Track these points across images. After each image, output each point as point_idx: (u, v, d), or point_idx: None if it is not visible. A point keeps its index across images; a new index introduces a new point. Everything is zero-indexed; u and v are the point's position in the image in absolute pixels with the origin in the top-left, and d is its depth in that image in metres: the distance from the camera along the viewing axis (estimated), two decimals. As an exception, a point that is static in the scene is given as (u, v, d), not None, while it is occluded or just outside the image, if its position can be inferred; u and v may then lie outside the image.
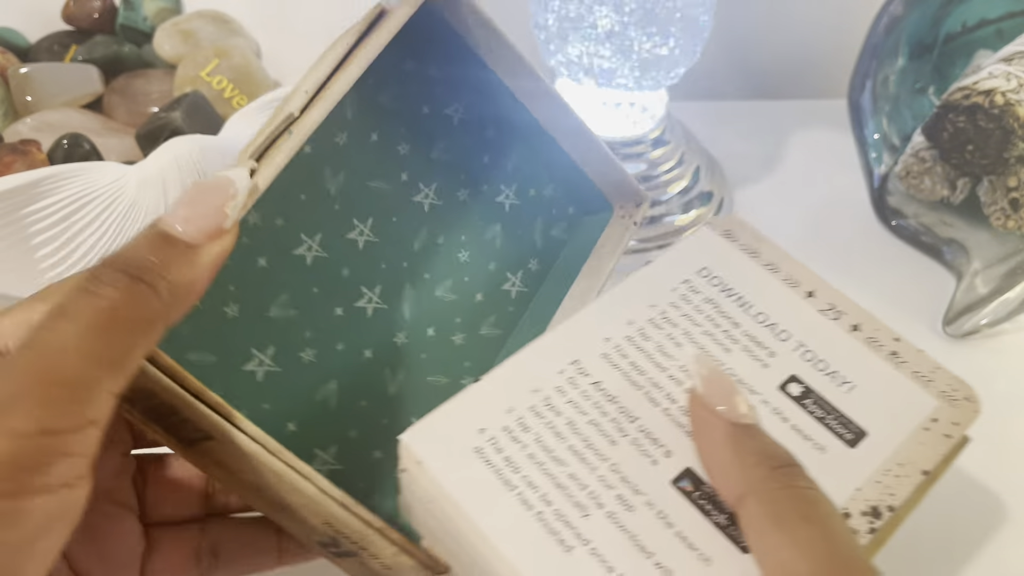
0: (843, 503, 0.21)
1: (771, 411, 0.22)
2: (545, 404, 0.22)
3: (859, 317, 0.24)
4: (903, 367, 0.24)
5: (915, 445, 0.22)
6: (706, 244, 0.26)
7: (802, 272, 0.26)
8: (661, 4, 0.34)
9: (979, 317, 0.36)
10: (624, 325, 0.24)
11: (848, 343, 0.24)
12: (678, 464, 0.21)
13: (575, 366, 0.23)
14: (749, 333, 0.24)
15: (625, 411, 0.22)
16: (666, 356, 0.23)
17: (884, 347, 0.24)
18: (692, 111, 0.49)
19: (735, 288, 0.25)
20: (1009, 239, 0.38)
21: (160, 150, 0.30)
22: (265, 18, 0.43)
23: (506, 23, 0.51)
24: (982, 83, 0.36)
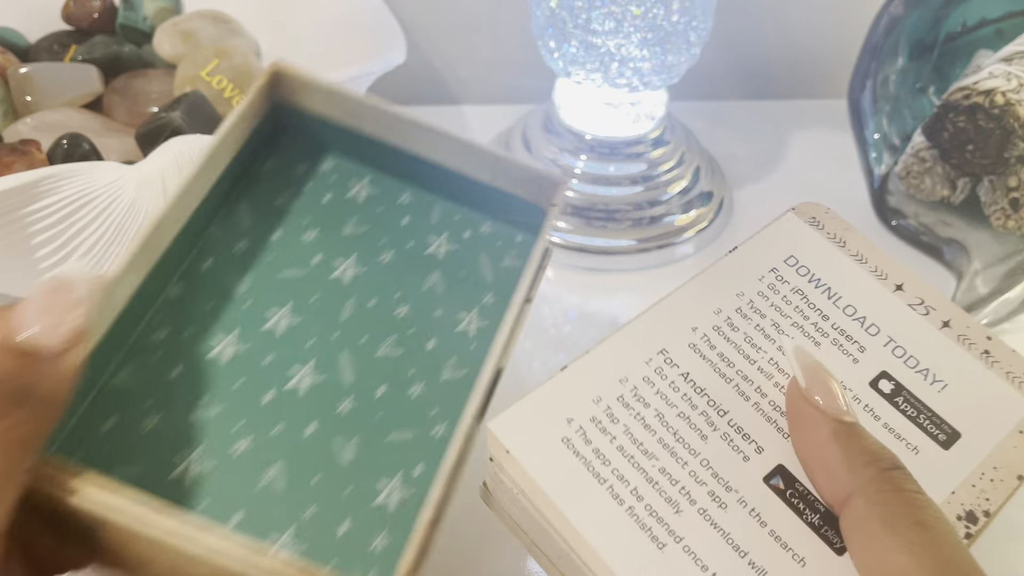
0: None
1: (863, 408, 0.22)
2: (633, 394, 0.21)
3: (950, 313, 0.24)
4: (996, 367, 0.23)
5: (1009, 449, 0.21)
6: (793, 231, 0.26)
7: (891, 264, 0.25)
8: (661, 5, 0.34)
9: (979, 317, 0.36)
10: (711, 314, 0.23)
11: (939, 340, 0.23)
12: (770, 461, 0.21)
13: (663, 355, 0.22)
14: (838, 326, 0.23)
15: (715, 404, 0.22)
16: (755, 348, 0.23)
17: (976, 345, 0.23)
18: (692, 111, 0.49)
19: (823, 278, 0.24)
20: (1009, 239, 0.38)
21: (160, 150, 0.30)
22: (265, 18, 0.43)
23: (506, 23, 0.51)
24: (982, 83, 0.36)
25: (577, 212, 0.40)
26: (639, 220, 0.40)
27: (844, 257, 0.25)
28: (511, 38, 0.49)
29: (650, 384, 0.22)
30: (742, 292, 0.24)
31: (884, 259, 0.25)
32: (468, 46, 0.50)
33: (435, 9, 0.48)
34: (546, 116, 0.42)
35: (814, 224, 0.26)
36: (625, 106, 0.39)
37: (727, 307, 0.24)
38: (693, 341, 0.23)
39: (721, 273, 0.24)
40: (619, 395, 0.21)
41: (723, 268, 0.25)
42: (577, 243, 0.39)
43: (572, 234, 0.39)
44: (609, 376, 0.22)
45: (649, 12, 0.34)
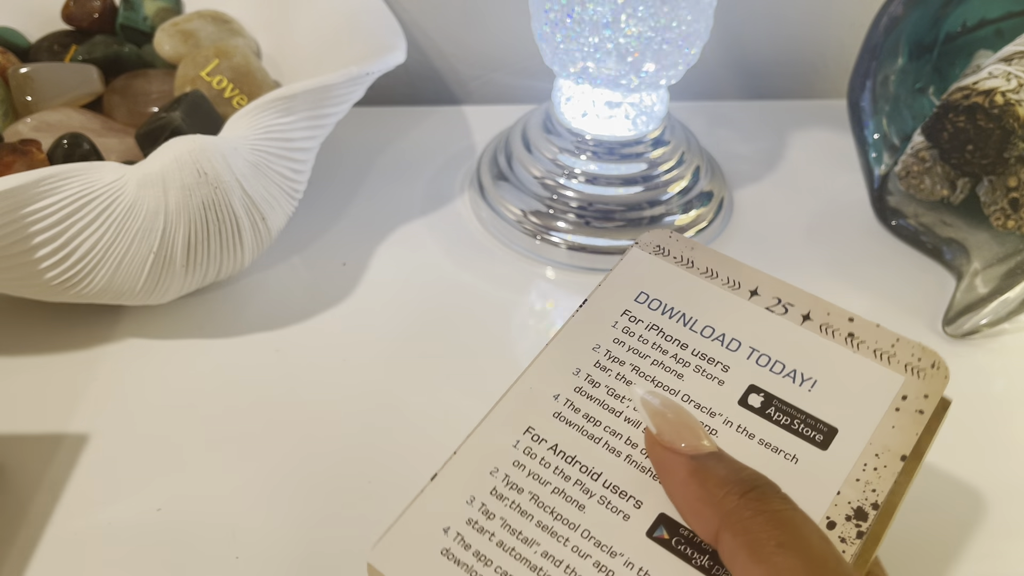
0: (825, 511, 0.20)
1: (736, 430, 0.22)
2: (505, 484, 0.21)
3: (808, 305, 0.24)
4: (863, 347, 0.23)
5: (888, 430, 0.21)
6: (638, 266, 0.25)
7: (742, 271, 0.25)
8: (661, 6, 0.34)
9: (979, 317, 0.36)
10: (571, 376, 0.23)
11: (802, 336, 0.23)
12: (651, 513, 0.20)
13: (529, 434, 0.22)
14: (699, 351, 0.23)
15: (588, 469, 0.21)
16: (618, 399, 0.22)
17: (840, 331, 0.23)
18: (692, 111, 0.49)
19: (676, 306, 0.24)
20: (1009, 239, 0.38)
21: (160, 150, 0.30)
22: (265, 18, 0.43)
23: (506, 23, 0.51)
24: (982, 83, 0.36)
25: (577, 212, 0.40)
26: (639, 220, 0.40)
27: (694, 278, 0.25)
28: (511, 38, 0.49)
29: (521, 468, 0.21)
30: (598, 345, 0.23)
31: (735, 267, 0.25)
32: (468, 46, 0.50)
33: (435, 9, 0.48)
34: (546, 116, 0.42)
35: (659, 252, 0.25)
36: (625, 106, 0.39)
37: (585, 365, 0.23)
38: (557, 410, 0.22)
39: (575, 330, 0.24)
40: (492, 488, 0.21)
41: (576, 325, 0.24)
42: (577, 243, 0.39)
43: (572, 234, 0.39)
44: (479, 472, 0.21)
45: (649, 12, 0.34)
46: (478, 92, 0.52)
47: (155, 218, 0.30)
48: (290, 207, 0.35)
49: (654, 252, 0.25)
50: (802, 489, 0.19)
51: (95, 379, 0.34)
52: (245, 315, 0.37)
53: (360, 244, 0.40)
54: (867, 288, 0.39)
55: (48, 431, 0.32)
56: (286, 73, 0.41)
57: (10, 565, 0.28)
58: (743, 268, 0.25)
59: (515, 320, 0.37)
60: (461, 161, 0.45)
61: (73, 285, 0.31)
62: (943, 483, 0.32)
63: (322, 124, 0.35)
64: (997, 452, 0.33)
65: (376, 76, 0.36)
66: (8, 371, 0.34)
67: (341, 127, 0.45)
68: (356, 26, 0.39)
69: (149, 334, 0.36)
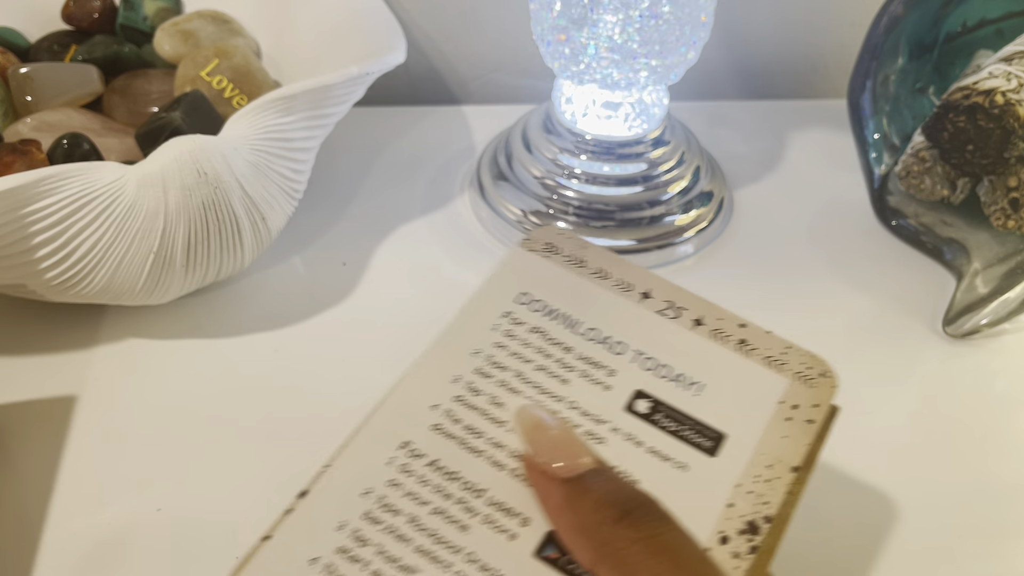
0: (717, 525, 0.19)
1: (623, 438, 0.21)
2: (380, 506, 0.19)
3: (701, 310, 0.23)
4: (753, 354, 0.22)
5: (779, 441, 0.21)
6: (521, 266, 0.24)
7: (634, 273, 0.24)
8: (661, 6, 0.34)
9: (979, 317, 0.36)
10: (450, 385, 0.21)
11: (692, 340, 0.22)
12: (539, 531, 0.19)
13: (405, 450, 0.20)
14: (583, 355, 0.22)
15: (470, 486, 0.20)
16: (501, 408, 0.21)
17: (731, 336, 0.23)
18: (692, 111, 0.49)
19: (560, 308, 0.23)
20: (1009, 239, 0.38)
21: (160, 150, 0.30)
22: (265, 18, 0.43)
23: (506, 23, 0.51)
24: (982, 83, 0.36)
25: (577, 212, 0.40)
26: (639, 220, 0.40)
27: (582, 279, 0.24)
28: (511, 38, 0.49)
29: (397, 487, 0.20)
30: (478, 350, 0.22)
31: (627, 269, 0.24)
32: (468, 46, 0.50)
33: (435, 9, 0.48)
34: (546, 116, 0.42)
35: (550, 250, 0.24)
36: (625, 106, 0.39)
37: (465, 372, 0.22)
38: (436, 422, 0.21)
39: (453, 335, 0.22)
40: (365, 511, 0.19)
41: (454, 329, 0.22)
42: (577, 243, 0.39)
43: (572, 234, 0.39)
44: (350, 494, 0.19)
45: (649, 12, 0.34)
46: (478, 92, 0.52)
47: (155, 218, 0.30)
48: (290, 207, 0.35)
49: (544, 250, 0.24)
50: (691, 498, 0.19)
51: (95, 379, 0.34)
52: (245, 315, 0.37)
53: (360, 244, 0.40)
54: (867, 288, 0.39)
55: (48, 431, 0.32)
56: (286, 73, 0.41)
57: (10, 565, 0.28)
58: (636, 270, 0.24)
59: (515, 320, 0.37)
60: (461, 161, 0.45)
61: (73, 285, 0.31)
62: (943, 483, 0.32)
63: (322, 124, 0.35)
64: (997, 452, 0.33)
65: (376, 76, 0.36)
66: (8, 371, 0.34)
67: (341, 127, 0.45)
68: (356, 26, 0.39)
69: (149, 334, 0.36)
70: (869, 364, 0.36)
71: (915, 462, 0.32)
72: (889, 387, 0.35)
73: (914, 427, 0.34)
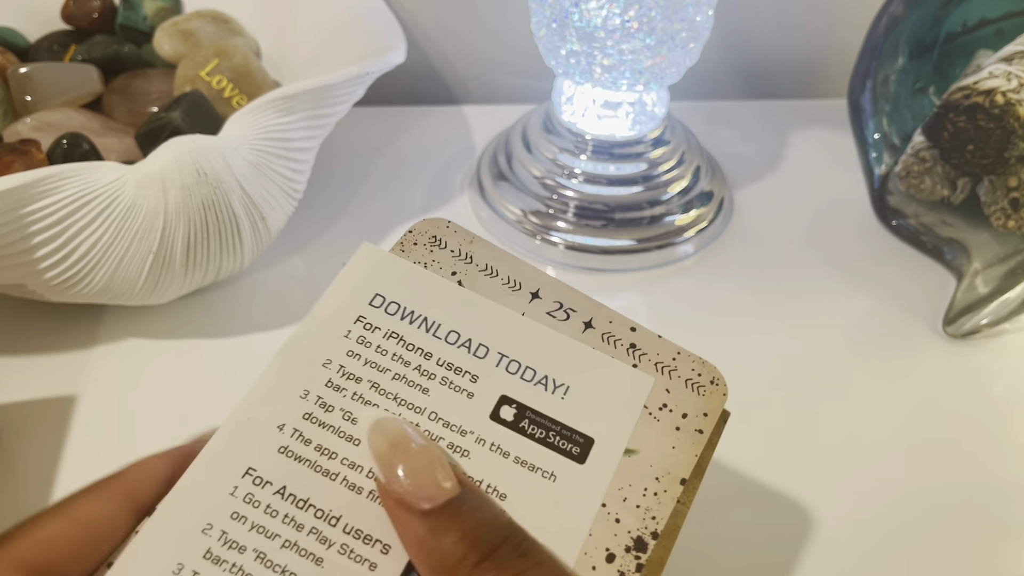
0: (603, 540, 0.18)
1: (489, 449, 0.19)
2: (223, 543, 0.17)
3: (592, 312, 0.22)
4: (644, 360, 0.21)
5: (668, 452, 0.20)
6: (374, 266, 0.22)
7: (526, 271, 0.22)
8: (661, 6, 0.34)
9: (979, 317, 0.36)
10: (299, 401, 0.19)
11: (578, 343, 0.21)
12: (400, 559, 0.18)
13: (250, 477, 0.18)
14: (444, 361, 0.20)
15: (324, 514, 0.18)
16: (356, 424, 0.19)
17: (621, 341, 0.21)
18: (692, 111, 0.49)
19: (416, 310, 0.21)
20: (1009, 239, 0.38)
21: (160, 150, 0.30)
22: (265, 18, 0.42)
23: (506, 23, 0.51)
24: (982, 83, 0.36)
25: (577, 212, 0.40)
26: (639, 220, 0.40)
27: (450, 280, 0.22)
28: (511, 38, 0.49)
29: (241, 521, 0.18)
30: (329, 360, 0.20)
31: (518, 267, 0.22)
32: (468, 46, 0.50)
33: (435, 9, 0.48)
34: (546, 116, 0.42)
35: (435, 244, 0.22)
36: (625, 106, 0.39)
37: (314, 385, 0.20)
38: (283, 444, 0.19)
39: (300, 346, 0.20)
40: (206, 550, 0.17)
41: (301, 339, 0.20)
42: (577, 243, 0.39)
43: (572, 234, 0.39)
44: (188, 530, 0.17)
45: (649, 12, 0.34)
46: (478, 92, 0.52)
47: (155, 218, 0.30)
48: (290, 207, 0.35)
49: (429, 244, 0.22)
50: (562, 509, 0.18)
51: (95, 379, 0.34)
52: (245, 315, 0.37)
53: (360, 244, 0.40)
54: (867, 288, 0.39)
55: (48, 431, 0.32)
56: (286, 73, 0.41)
57: (10, 565, 0.28)
58: (527, 268, 0.22)
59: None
60: (461, 161, 0.45)
61: (73, 285, 0.31)
62: (943, 483, 0.32)
63: (322, 124, 0.35)
64: (997, 452, 0.33)
65: (376, 76, 0.36)
66: (8, 371, 0.34)
67: (341, 127, 0.45)
68: (356, 26, 0.39)
69: (149, 334, 0.36)
70: (869, 364, 0.36)
71: (915, 462, 0.32)
72: (889, 387, 0.35)
73: (914, 427, 0.34)
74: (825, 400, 0.34)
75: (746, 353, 0.36)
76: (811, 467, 0.32)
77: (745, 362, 0.36)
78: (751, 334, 0.37)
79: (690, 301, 0.38)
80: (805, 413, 0.34)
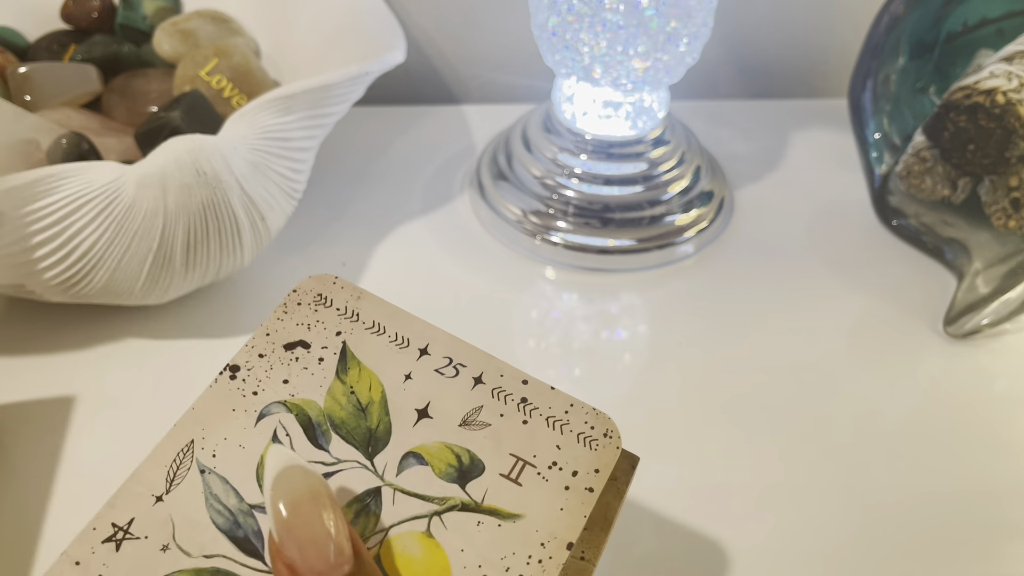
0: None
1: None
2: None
3: (482, 365, 0.21)
4: (533, 414, 0.21)
5: (556, 514, 0.19)
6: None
7: (413, 326, 0.22)
8: (661, 5, 0.34)
9: (980, 317, 0.36)
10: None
11: (468, 398, 0.21)
12: None
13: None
14: None
15: None
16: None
17: (512, 395, 0.21)
18: (692, 111, 0.49)
19: None
20: (1010, 239, 0.38)
21: (159, 150, 0.30)
22: (265, 18, 0.42)
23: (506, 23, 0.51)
24: (983, 82, 0.36)
25: (577, 212, 0.40)
26: (639, 220, 0.40)
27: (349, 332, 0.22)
28: (511, 37, 0.49)
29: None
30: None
31: (406, 322, 0.22)
32: (468, 46, 0.50)
33: (435, 9, 0.48)
34: (546, 116, 0.42)
35: (321, 303, 0.22)
36: (625, 106, 0.39)
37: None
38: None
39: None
40: None
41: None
42: (577, 243, 0.39)
43: (572, 234, 0.39)
44: None
45: (649, 12, 0.34)
46: (478, 92, 0.52)
47: (154, 218, 0.30)
48: (290, 207, 0.35)
49: (315, 303, 0.22)
50: None
51: (95, 379, 0.34)
52: (245, 315, 0.37)
53: (360, 244, 0.40)
54: (867, 288, 0.39)
55: (48, 431, 0.32)
56: (286, 73, 0.41)
57: (10, 565, 0.28)
58: (416, 323, 0.22)
59: (515, 320, 0.37)
60: (461, 161, 0.45)
61: (73, 285, 0.31)
62: (943, 483, 0.32)
63: (322, 124, 0.35)
64: (997, 452, 0.33)
65: (375, 76, 0.36)
66: (8, 371, 0.34)
67: (341, 127, 0.45)
68: (356, 26, 0.39)
69: (149, 334, 0.36)
70: (869, 364, 0.36)
71: (915, 462, 0.32)
72: (890, 387, 0.35)
73: (914, 427, 0.34)
74: (825, 400, 0.34)
75: (746, 353, 0.36)
76: (811, 467, 0.32)
77: (745, 362, 0.36)
78: (751, 334, 0.37)
79: (690, 301, 0.38)
80: (805, 413, 0.34)
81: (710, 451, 0.32)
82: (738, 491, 0.31)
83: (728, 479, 0.31)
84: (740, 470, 0.32)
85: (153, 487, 0.19)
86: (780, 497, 0.31)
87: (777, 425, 0.33)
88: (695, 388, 0.35)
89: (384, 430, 0.20)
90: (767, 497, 0.31)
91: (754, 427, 0.33)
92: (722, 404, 0.34)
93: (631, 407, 0.34)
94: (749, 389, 0.35)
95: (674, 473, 0.32)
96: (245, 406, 0.21)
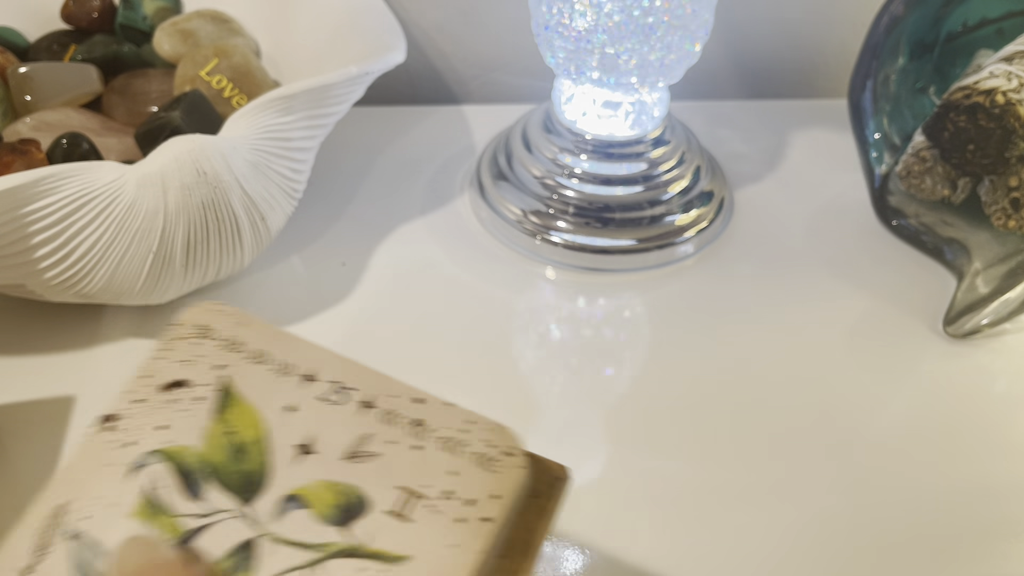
0: None
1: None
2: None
3: (372, 390, 0.20)
4: (427, 437, 0.19)
5: (445, 551, 0.17)
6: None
7: (301, 352, 0.21)
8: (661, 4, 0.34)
9: (980, 317, 0.36)
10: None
11: (355, 427, 0.19)
12: None
13: None
14: None
15: None
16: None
17: (404, 417, 0.19)
18: (692, 111, 0.49)
19: None
20: (1010, 239, 0.38)
21: (159, 150, 0.30)
22: (265, 18, 0.42)
23: (506, 23, 0.51)
24: (983, 83, 0.36)
25: (577, 212, 0.40)
26: (639, 220, 0.40)
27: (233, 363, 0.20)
28: (511, 37, 0.49)
29: None
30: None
31: (292, 348, 0.21)
32: (468, 45, 0.50)
33: (435, 9, 0.48)
34: (546, 116, 0.42)
35: (203, 335, 0.21)
36: (625, 106, 0.39)
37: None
38: None
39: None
40: None
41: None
42: (577, 243, 0.39)
43: (572, 234, 0.39)
44: None
45: (649, 12, 0.34)
46: (478, 92, 0.52)
47: (154, 218, 0.30)
48: (290, 207, 0.35)
49: (196, 336, 0.21)
50: None
51: (95, 379, 0.34)
52: (245, 315, 0.37)
53: (360, 244, 0.40)
54: (867, 288, 0.39)
55: (47, 431, 0.32)
56: (286, 73, 0.41)
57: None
58: (305, 348, 0.21)
59: (515, 320, 0.37)
60: (461, 161, 0.45)
61: (73, 285, 0.31)
62: (943, 483, 0.32)
63: (322, 124, 0.35)
64: (997, 452, 0.33)
65: (376, 75, 0.36)
66: (8, 371, 0.34)
67: (341, 127, 0.45)
68: (356, 25, 0.39)
69: (149, 334, 0.36)
70: (869, 364, 0.36)
71: (915, 462, 0.32)
72: (889, 387, 0.35)
73: (914, 427, 0.34)
74: (825, 400, 0.34)
75: (746, 353, 0.36)
76: (811, 467, 0.32)
77: (745, 362, 0.36)
78: (751, 334, 0.37)
79: (690, 301, 0.38)
80: (805, 413, 0.34)
81: (710, 450, 0.32)
82: (738, 491, 0.31)
83: (728, 478, 0.31)
84: (740, 469, 0.32)
85: (19, 561, 0.18)
86: (780, 497, 0.31)
87: (777, 425, 0.33)
88: (695, 388, 0.35)
89: (263, 472, 0.19)
90: (767, 497, 0.31)
91: (754, 427, 0.33)
92: (722, 403, 0.34)
93: (631, 407, 0.34)
94: (749, 389, 0.35)
95: (674, 472, 0.32)
96: (121, 459, 0.19)
